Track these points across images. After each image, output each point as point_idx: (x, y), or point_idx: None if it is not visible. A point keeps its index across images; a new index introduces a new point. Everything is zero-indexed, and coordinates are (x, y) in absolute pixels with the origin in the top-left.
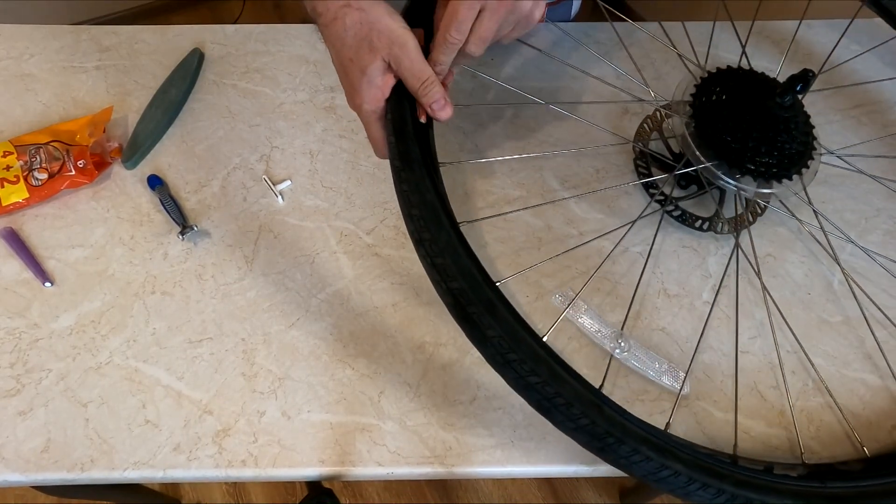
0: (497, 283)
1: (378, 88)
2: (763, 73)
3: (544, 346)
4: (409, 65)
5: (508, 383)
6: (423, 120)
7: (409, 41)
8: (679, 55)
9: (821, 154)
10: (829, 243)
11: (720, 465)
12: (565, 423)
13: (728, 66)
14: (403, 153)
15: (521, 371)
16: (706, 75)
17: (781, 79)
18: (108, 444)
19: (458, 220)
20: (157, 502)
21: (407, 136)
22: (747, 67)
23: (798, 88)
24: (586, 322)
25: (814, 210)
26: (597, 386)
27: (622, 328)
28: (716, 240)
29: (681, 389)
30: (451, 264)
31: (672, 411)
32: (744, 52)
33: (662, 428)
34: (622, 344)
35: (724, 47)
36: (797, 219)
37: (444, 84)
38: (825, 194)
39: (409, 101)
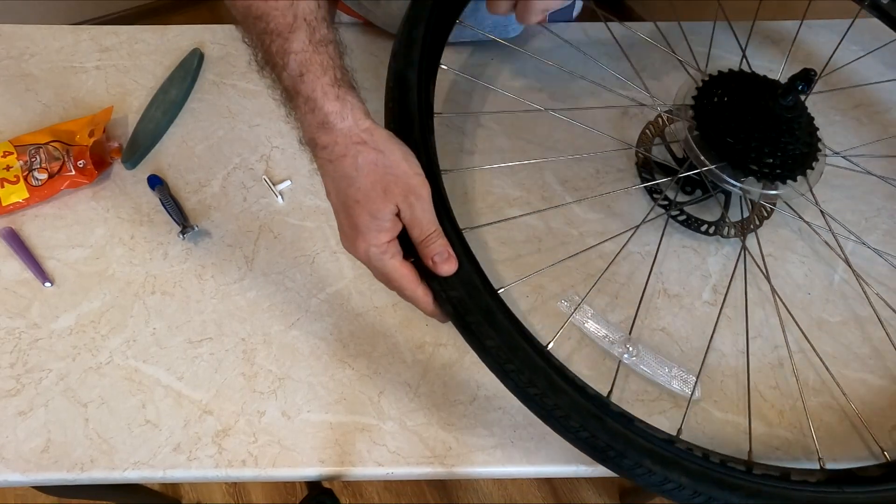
0: (499, 291)
1: (387, 232)
2: (764, 76)
3: (544, 354)
4: (420, 215)
5: (511, 392)
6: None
7: (424, 191)
8: (679, 60)
9: (825, 156)
10: (839, 243)
11: (731, 475)
12: (566, 435)
13: (729, 70)
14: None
15: (519, 382)
16: (707, 78)
17: (784, 80)
18: (108, 444)
19: (462, 227)
20: (157, 502)
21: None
22: (748, 70)
23: (800, 88)
24: (592, 327)
25: (821, 210)
26: (605, 393)
27: (630, 332)
28: (717, 241)
29: (692, 395)
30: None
31: (683, 418)
32: (744, 56)
33: (674, 433)
34: (630, 349)
35: (725, 48)
36: (805, 221)
37: (540, 23)
38: (825, 194)
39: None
